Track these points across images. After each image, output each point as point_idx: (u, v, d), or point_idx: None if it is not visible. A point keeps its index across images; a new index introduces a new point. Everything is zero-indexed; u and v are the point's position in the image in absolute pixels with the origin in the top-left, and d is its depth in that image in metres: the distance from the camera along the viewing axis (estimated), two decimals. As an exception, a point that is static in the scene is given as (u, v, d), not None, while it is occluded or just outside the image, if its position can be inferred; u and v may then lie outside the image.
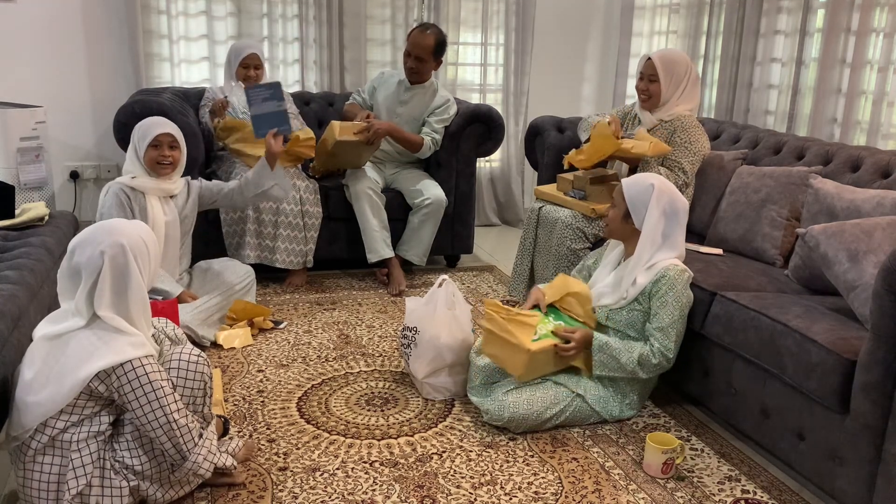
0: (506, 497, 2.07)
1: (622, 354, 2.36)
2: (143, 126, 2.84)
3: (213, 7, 4.29)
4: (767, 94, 4.02)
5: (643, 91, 3.16)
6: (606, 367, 2.39)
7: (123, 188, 2.80)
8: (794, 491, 2.16)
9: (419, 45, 3.66)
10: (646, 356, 2.35)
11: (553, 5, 4.98)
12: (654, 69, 3.10)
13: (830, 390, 1.96)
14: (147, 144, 2.80)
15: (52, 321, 1.86)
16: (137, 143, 2.83)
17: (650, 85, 3.13)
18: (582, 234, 3.04)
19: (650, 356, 2.35)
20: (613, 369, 2.39)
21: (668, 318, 2.35)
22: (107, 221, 1.89)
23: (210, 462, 1.92)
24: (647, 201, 2.38)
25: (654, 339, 2.36)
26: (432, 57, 3.69)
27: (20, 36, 4.07)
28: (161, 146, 2.81)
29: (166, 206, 2.91)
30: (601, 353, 2.37)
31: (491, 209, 5.08)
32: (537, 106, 4.88)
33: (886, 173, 2.66)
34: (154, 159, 2.82)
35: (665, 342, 2.35)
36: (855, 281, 2.14)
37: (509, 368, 2.39)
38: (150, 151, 2.81)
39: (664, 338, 2.35)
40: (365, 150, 3.62)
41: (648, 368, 2.38)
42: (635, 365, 2.36)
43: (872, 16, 3.40)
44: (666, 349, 2.35)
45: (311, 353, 2.92)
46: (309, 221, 3.56)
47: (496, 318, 2.39)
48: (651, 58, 3.13)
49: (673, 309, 2.34)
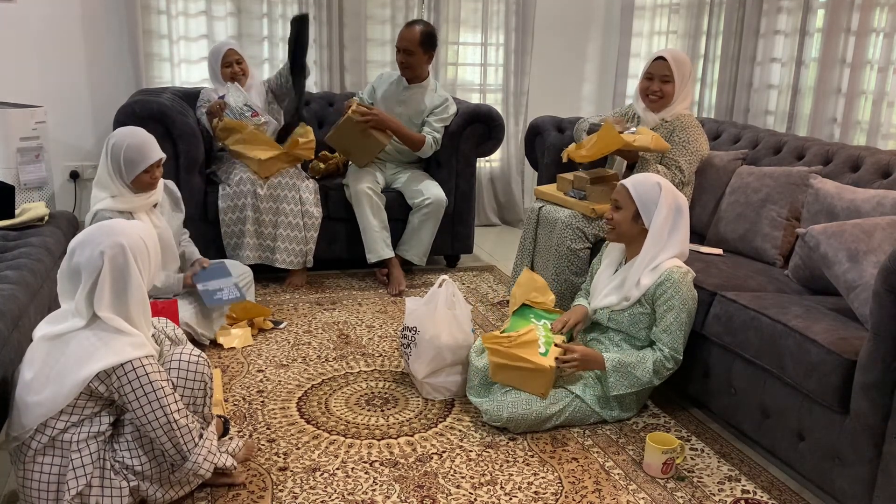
0: (506, 497, 2.07)
1: (637, 368, 2.35)
2: (132, 153, 2.62)
3: (213, 7, 4.30)
4: (767, 94, 4.02)
5: (655, 92, 3.09)
6: (622, 385, 2.36)
7: (113, 215, 2.58)
8: (794, 491, 2.16)
9: (405, 38, 3.69)
10: (659, 362, 2.34)
11: (553, 5, 4.98)
12: (668, 70, 3.05)
13: (830, 390, 1.96)
14: (140, 171, 2.64)
15: (52, 321, 1.86)
16: (125, 168, 2.63)
17: (663, 86, 3.07)
18: (582, 235, 3.04)
19: (664, 362, 2.35)
20: (630, 386, 2.37)
21: (676, 322, 2.34)
22: (106, 222, 1.89)
23: (210, 462, 1.92)
24: (657, 200, 2.38)
25: (662, 343, 2.35)
26: (420, 48, 3.69)
27: (20, 36, 4.07)
28: (152, 169, 2.67)
29: (153, 217, 2.78)
30: (616, 373, 2.35)
31: (491, 209, 5.08)
32: (537, 106, 4.88)
33: (886, 173, 2.66)
34: (145, 182, 2.67)
35: (674, 345, 2.35)
36: (855, 281, 2.14)
37: (531, 391, 2.37)
38: (143, 176, 2.65)
39: (672, 341, 2.34)
40: (368, 145, 3.63)
41: (662, 375, 2.38)
42: (651, 375, 2.35)
43: (872, 16, 3.40)
44: (675, 352, 2.35)
45: (311, 353, 2.92)
46: (308, 221, 3.56)
47: (500, 349, 2.35)
48: (665, 58, 3.06)
49: (679, 311, 2.34)
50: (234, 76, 3.71)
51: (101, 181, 2.69)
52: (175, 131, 3.42)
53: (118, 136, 2.66)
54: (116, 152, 2.63)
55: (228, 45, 3.76)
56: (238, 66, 3.73)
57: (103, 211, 2.63)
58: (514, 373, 2.35)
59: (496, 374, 2.39)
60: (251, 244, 3.48)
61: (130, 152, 2.62)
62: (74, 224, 2.86)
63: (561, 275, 3.06)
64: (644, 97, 3.15)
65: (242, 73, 3.74)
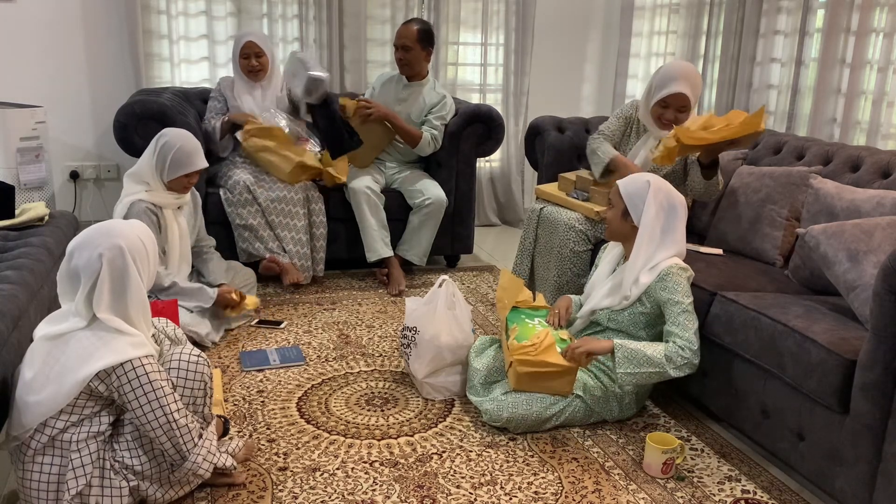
0: (506, 497, 2.07)
1: (647, 347, 2.26)
2: (181, 155, 2.77)
3: (213, 7, 4.30)
4: (767, 94, 4.02)
5: (669, 121, 2.95)
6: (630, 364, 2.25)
7: (149, 206, 2.76)
8: (794, 491, 2.16)
9: (403, 34, 3.70)
10: (673, 351, 2.25)
11: (553, 5, 4.98)
12: (686, 101, 2.92)
13: (830, 390, 1.96)
14: (181, 174, 2.80)
15: (52, 321, 1.86)
16: (169, 167, 2.77)
17: (678, 115, 2.94)
18: (585, 237, 3.03)
19: (679, 351, 2.25)
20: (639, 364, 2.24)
21: (683, 314, 2.29)
22: (105, 223, 1.88)
23: (210, 462, 1.92)
24: (645, 196, 2.38)
25: (675, 336, 2.28)
26: (418, 45, 3.69)
27: (20, 36, 4.07)
28: (192, 175, 2.85)
29: (179, 218, 2.91)
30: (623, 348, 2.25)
31: (491, 209, 5.08)
32: (537, 106, 4.88)
33: (886, 173, 2.66)
34: (182, 184, 2.84)
35: (685, 334, 2.26)
36: (855, 281, 2.14)
37: (557, 392, 2.36)
38: (182, 179, 2.82)
39: (683, 331, 2.27)
40: (371, 140, 3.69)
41: (678, 364, 2.25)
42: (664, 360, 2.24)
43: (872, 16, 3.40)
44: (689, 342, 2.26)
45: (311, 353, 2.92)
46: (317, 232, 3.58)
47: (530, 359, 2.30)
48: (683, 92, 2.89)
49: (683, 301, 2.30)
50: (251, 70, 3.59)
51: (138, 173, 2.81)
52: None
53: (171, 136, 2.80)
54: (166, 151, 2.77)
55: (248, 37, 3.59)
56: (257, 59, 3.58)
57: (140, 202, 2.75)
58: (542, 379, 2.32)
59: (521, 383, 2.33)
60: (264, 237, 3.46)
61: (180, 154, 2.78)
62: (74, 224, 2.86)
63: (563, 276, 3.05)
64: (657, 120, 3.00)
65: (261, 68, 3.61)
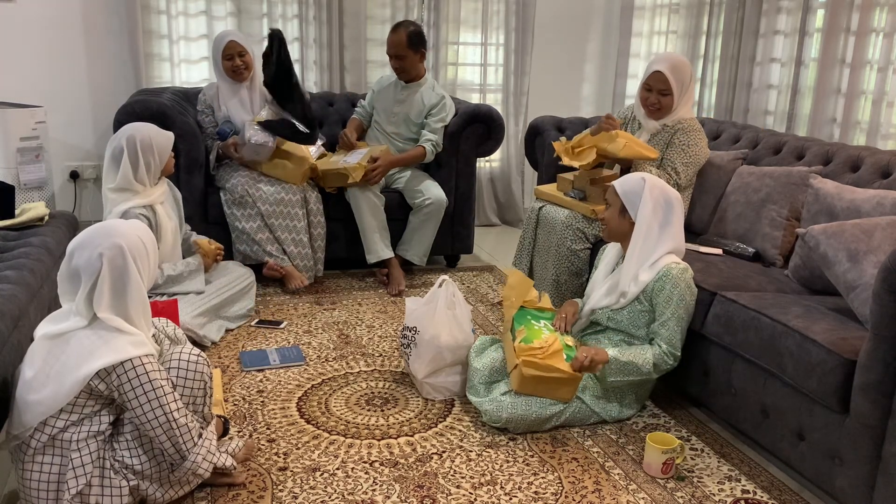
0: (506, 497, 2.07)
1: (637, 357, 2.35)
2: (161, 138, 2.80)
3: (213, 7, 4.30)
4: (767, 94, 4.02)
5: (653, 104, 3.03)
6: (620, 372, 2.35)
7: (141, 212, 2.74)
8: (794, 491, 2.16)
9: (393, 43, 3.71)
10: (658, 357, 2.35)
11: (553, 5, 4.98)
12: (666, 83, 2.97)
13: (830, 390, 1.96)
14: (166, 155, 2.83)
15: (53, 320, 1.86)
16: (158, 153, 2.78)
17: (661, 98, 3.01)
18: (582, 235, 3.04)
19: (663, 357, 2.35)
20: (628, 374, 2.35)
21: (673, 318, 2.34)
22: (105, 223, 1.89)
23: (209, 462, 1.92)
24: (641, 192, 2.39)
25: (660, 338, 2.36)
26: (409, 50, 3.70)
27: (20, 36, 4.07)
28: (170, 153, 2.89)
29: (168, 209, 2.92)
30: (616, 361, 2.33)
31: (491, 209, 5.08)
32: (537, 106, 4.88)
33: (886, 173, 2.66)
34: (170, 165, 2.89)
35: (671, 340, 2.35)
36: (855, 281, 2.14)
37: (559, 398, 2.37)
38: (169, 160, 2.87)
39: (670, 336, 2.35)
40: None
41: (662, 369, 2.38)
42: (651, 367, 2.35)
43: (872, 16, 3.40)
44: (673, 347, 2.36)
45: (311, 353, 2.92)
46: (315, 232, 3.58)
47: (537, 361, 2.30)
48: (661, 71, 2.98)
49: (677, 307, 2.34)
50: (235, 70, 3.56)
51: (121, 184, 2.74)
52: (175, 131, 3.38)
53: (134, 132, 2.75)
54: (146, 144, 2.74)
55: (230, 37, 3.55)
56: (241, 59, 3.55)
57: (131, 209, 2.71)
58: (546, 383, 2.32)
59: (525, 386, 2.34)
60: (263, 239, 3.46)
61: (160, 137, 2.79)
62: (74, 224, 2.86)
63: (561, 275, 3.06)
64: (643, 105, 3.09)
65: (245, 67, 3.57)
